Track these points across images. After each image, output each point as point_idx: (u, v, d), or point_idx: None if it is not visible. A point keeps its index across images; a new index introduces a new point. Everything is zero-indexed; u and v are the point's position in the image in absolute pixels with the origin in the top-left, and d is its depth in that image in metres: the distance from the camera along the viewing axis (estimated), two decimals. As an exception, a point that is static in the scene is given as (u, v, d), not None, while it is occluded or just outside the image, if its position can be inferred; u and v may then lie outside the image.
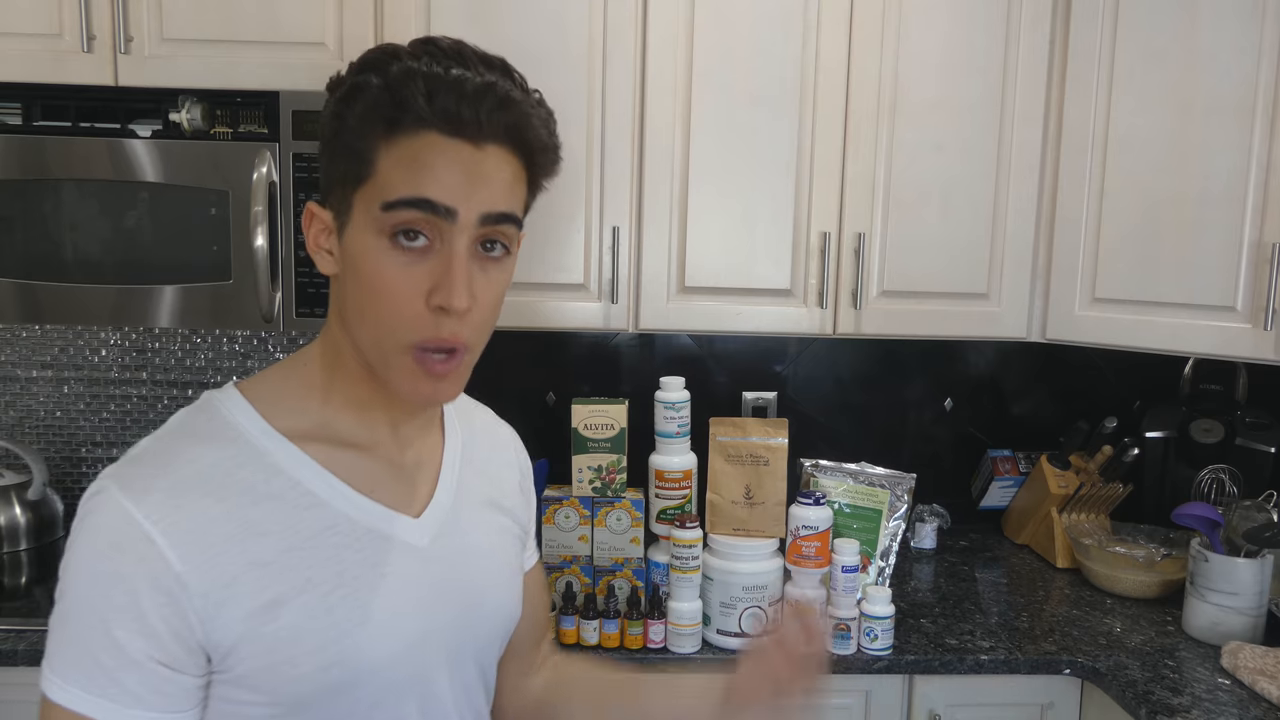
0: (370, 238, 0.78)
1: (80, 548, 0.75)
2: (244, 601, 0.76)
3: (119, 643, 0.73)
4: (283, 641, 0.77)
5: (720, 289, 1.88)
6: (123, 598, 0.73)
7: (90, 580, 0.74)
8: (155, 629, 0.74)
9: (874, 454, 2.15)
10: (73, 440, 2.20)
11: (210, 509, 0.76)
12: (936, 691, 1.68)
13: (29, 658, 1.57)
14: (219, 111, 1.78)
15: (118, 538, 0.74)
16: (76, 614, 0.75)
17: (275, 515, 0.79)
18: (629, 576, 1.73)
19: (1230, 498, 2.01)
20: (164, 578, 0.74)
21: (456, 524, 0.91)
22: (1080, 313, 1.88)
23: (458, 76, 0.76)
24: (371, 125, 0.77)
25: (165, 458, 0.78)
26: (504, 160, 0.79)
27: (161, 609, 0.74)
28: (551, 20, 1.79)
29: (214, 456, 0.79)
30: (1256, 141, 1.70)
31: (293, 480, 0.81)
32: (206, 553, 0.75)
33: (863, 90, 1.84)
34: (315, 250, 0.83)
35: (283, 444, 0.81)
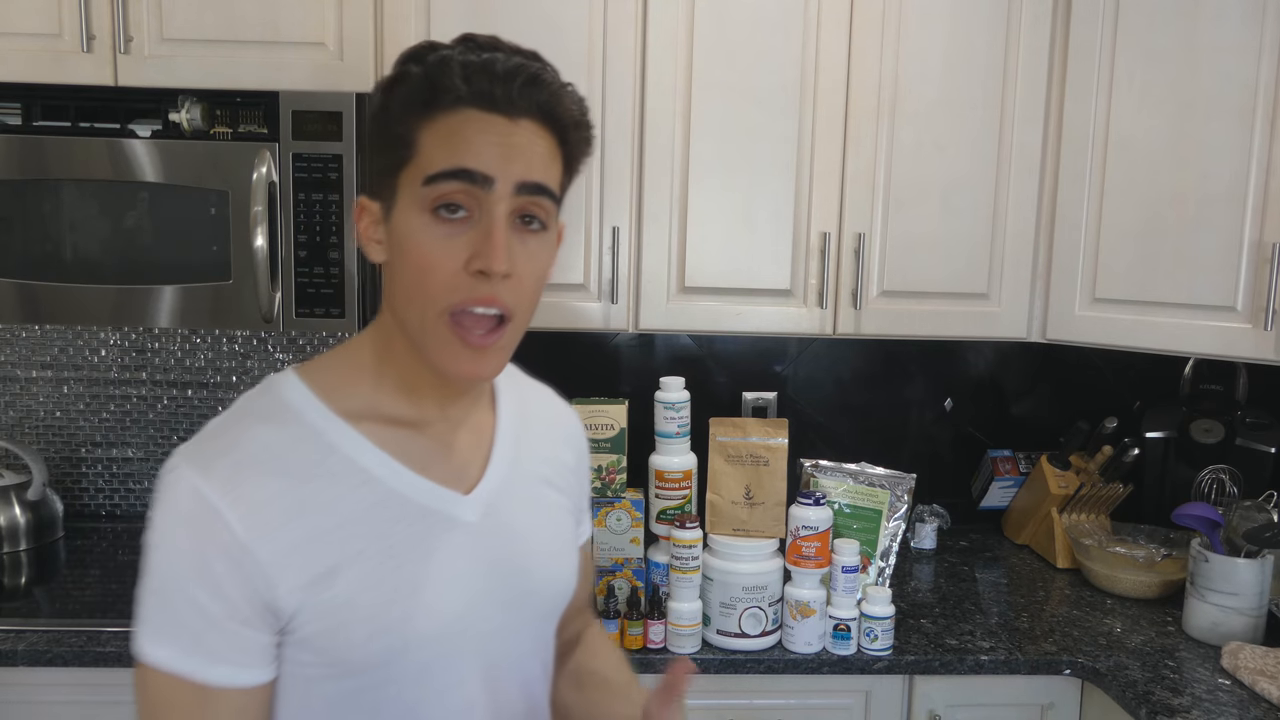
0: (414, 216, 0.82)
1: (159, 521, 0.81)
2: (301, 571, 0.81)
3: (200, 606, 0.79)
4: (337, 609, 0.81)
5: (720, 289, 1.88)
6: (199, 566, 0.79)
7: (170, 551, 0.80)
8: (228, 593, 0.79)
9: (874, 454, 2.14)
10: (73, 440, 2.20)
11: (271, 484, 0.81)
12: (936, 691, 1.68)
13: (29, 658, 1.57)
14: (219, 111, 1.78)
15: (189, 511, 0.80)
16: (161, 583, 0.80)
17: (330, 491, 0.83)
18: (629, 577, 1.73)
19: (1230, 498, 2.00)
20: (231, 547, 0.79)
21: (507, 500, 0.93)
22: (1080, 313, 1.88)
23: (490, 59, 0.82)
24: (412, 108, 0.82)
25: (230, 436, 0.84)
26: (538, 135, 0.84)
27: (232, 575, 0.79)
28: (551, 20, 1.79)
29: (274, 436, 0.84)
30: (1256, 141, 1.70)
31: (347, 458, 0.85)
32: (268, 524, 0.80)
33: (863, 90, 1.84)
34: (366, 241, 0.88)
35: (337, 423, 0.85)
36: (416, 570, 0.85)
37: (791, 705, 1.69)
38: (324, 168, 1.73)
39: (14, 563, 1.95)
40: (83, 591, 1.81)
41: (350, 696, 0.84)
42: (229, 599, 0.79)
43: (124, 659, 1.57)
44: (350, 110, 1.72)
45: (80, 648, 1.58)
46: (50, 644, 1.58)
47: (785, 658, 1.66)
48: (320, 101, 1.72)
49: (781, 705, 1.69)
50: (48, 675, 1.59)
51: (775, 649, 1.69)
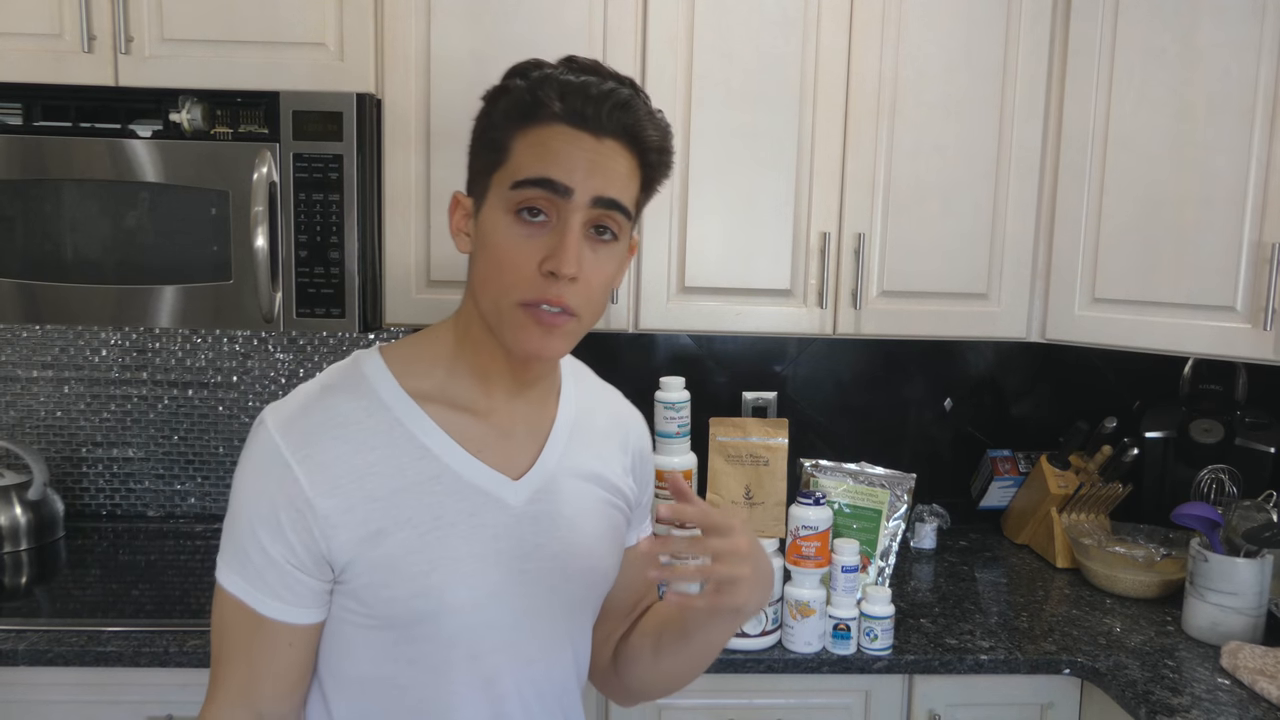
0: (500, 214, 0.91)
1: (243, 466, 0.93)
2: (356, 528, 0.90)
3: (263, 546, 0.90)
4: (381, 567, 0.91)
5: (720, 289, 1.88)
6: (267, 511, 0.90)
7: (246, 495, 0.92)
8: (289, 539, 0.90)
9: (874, 454, 2.15)
10: (73, 440, 2.20)
11: (338, 447, 0.91)
12: (936, 691, 1.69)
13: (29, 658, 1.57)
14: (219, 111, 1.78)
15: (266, 463, 0.91)
16: (236, 520, 0.92)
17: (390, 460, 0.92)
18: (629, 576, 1.73)
19: (1230, 498, 2.01)
20: (297, 499, 0.89)
21: (554, 491, 1.00)
22: (1080, 313, 1.88)
23: (586, 81, 0.90)
24: (511, 118, 0.91)
25: (310, 401, 0.94)
26: (620, 154, 0.91)
27: (294, 523, 0.90)
28: (551, 20, 1.79)
29: (349, 406, 0.93)
30: (1256, 141, 1.70)
31: (410, 433, 0.94)
32: (331, 483, 0.90)
33: (862, 90, 1.84)
34: (456, 233, 0.97)
35: (407, 402, 0.95)
36: (459, 543, 0.93)
37: (791, 705, 1.69)
38: (324, 168, 1.73)
39: (15, 562, 1.95)
40: (83, 591, 1.82)
41: (388, 647, 0.94)
42: (290, 545, 0.90)
43: (124, 659, 1.58)
44: (350, 110, 1.72)
45: (81, 647, 1.58)
46: (51, 644, 1.58)
47: (785, 657, 1.67)
48: (321, 101, 1.72)
49: (781, 705, 1.69)
50: (48, 675, 1.59)
51: (775, 649, 1.69)
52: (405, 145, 1.80)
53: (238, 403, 2.21)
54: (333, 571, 0.92)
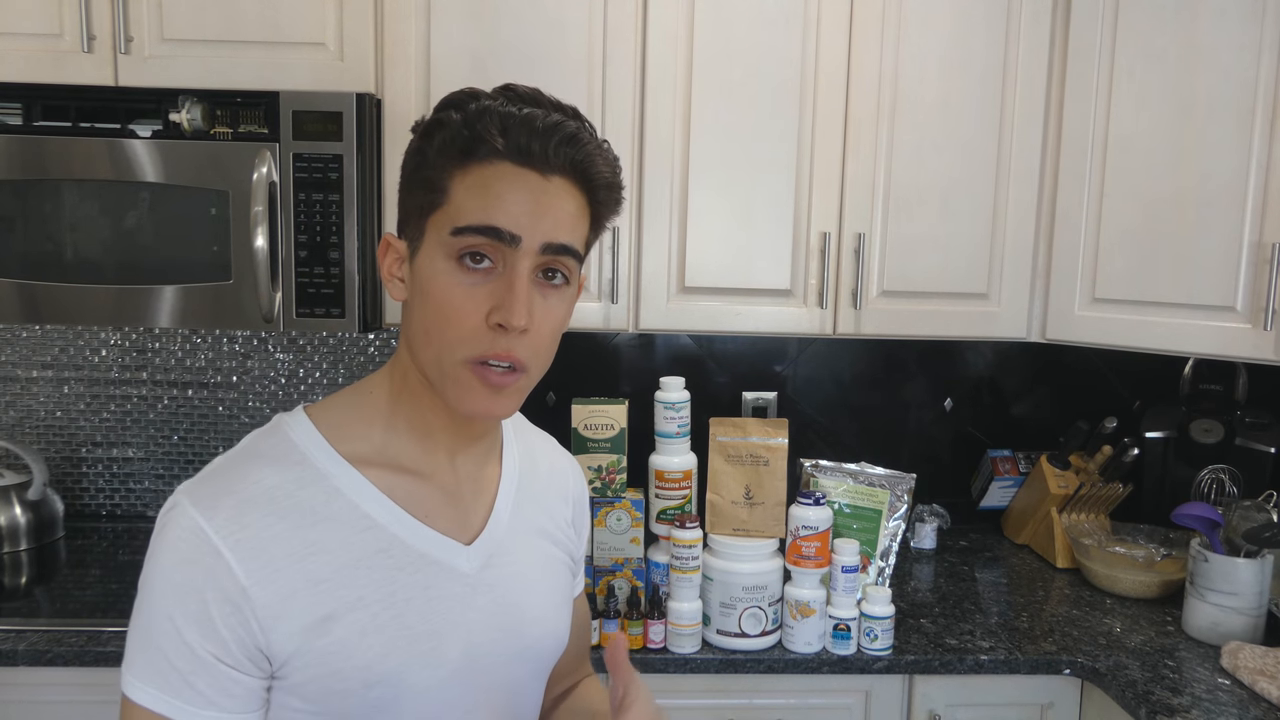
0: (439, 260, 0.82)
1: (157, 558, 0.80)
2: (300, 616, 0.80)
3: (190, 647, 0.78)
4: (332, 656, 0.81)
5: (720, 289, 1.88)
6: (194, 606, 0.78)
7: (165, 589, 0.79)
8: (222, 635, 0.78)
9: (874, 454, 2.15)
10: (73, 440, 2.20)
11: (273, 526, 0.80)
12: (936, 691, 1.69)
13: (29, 658, 1.57)
14: (219, 111, 1.78)
15: (189, 550, 0.79)
16: (152, 620, 0.79)
17: (333, 535, 0.82)
18: (629, 577, 1.73)
19: (1230, 498, 2.01)
20: (231, 589, 0.78)
21: (507, 553, 0.93)
22: (1080, 313, 1.88)
23: (530, 114, 0.82)
24: (448, 155, 0.83)
25: (234, 476, 0.82)
26: (568, 193, 0.84)
27: (228, 618, 0.78)
28: (551, 20, 1.79)
29: (279, 477, 0.83)
30: (1256, 141, 1.70)
31: (351, 503, 0.84)
32: (268, 567, 0.79)
33: (863, 90, 1.84)
34: (389, 279, 0.88)
35: (344, 468, 0.85)
36: (415, 620, 0.84)
37: (791, 705, 1.69)
38: (324, 168, 1.73)
39: (14, 562, 1.95)
40: (83, 591, 1.82)
41: None
42: (222, 642, 0.78)
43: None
44: (350, 110, 1.72)
45: (80, 647, 1.58)
46: (50, 644, 1.58)
47: (785, 657, 1.67)
48: (320, 101, 1.72)
49: (781, 705, 1.69)
50: (48, 675, 1.59)
51: (775, 649, 1.69)
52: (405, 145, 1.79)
53: (238, 403, 2.21)
54: (271, 666, 0.80)
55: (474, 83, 0.93)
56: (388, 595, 0.83)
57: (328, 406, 0.89)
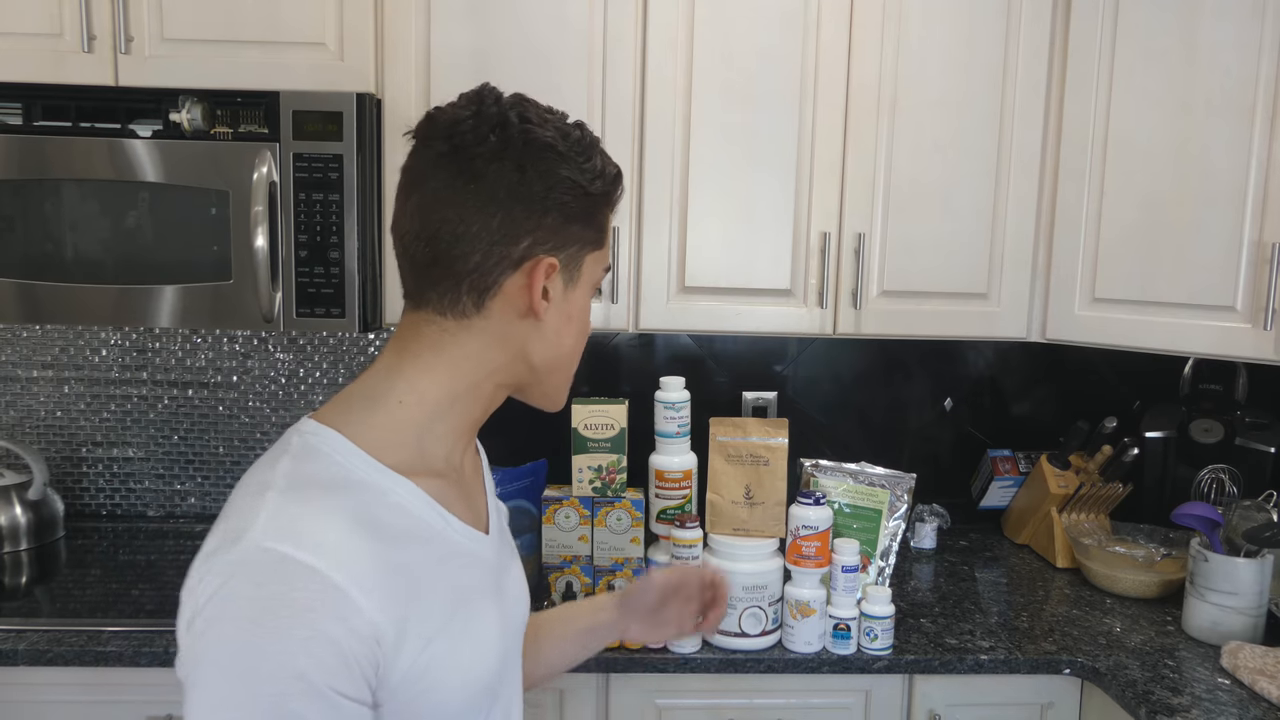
0: (588, 293, 0.93)
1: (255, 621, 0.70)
2: (416, 638, 0.78)
3: (325, 695, 0.71)
4: (431, 670, 0.80)
5: (720, 289, 1.88)
6: (326, 651, 0.71)
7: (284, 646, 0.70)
8: (354, 674, 0.73)
9: (874, 454, 2.15)
10: (73, 440, 2.20)
11: (374, 552, 0.77)
12: (936, 691, 1.69)
13: (29, 658, 1.57)
14: (219, 111, 1.78)
15: (309, 595, 0.71)
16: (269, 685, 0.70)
17: (411, 549, 0.81)
18: (629, 576, 1.73)
19: (1230, 498, 2.01)
20: (359, 625, 0.73)
21: (502, 533, 1.00)
22: (1080, 313, 1.88)
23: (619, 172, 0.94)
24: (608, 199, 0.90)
25: (309, 510, 0.76)
26: None
27: (358, 653, 0.73)
28: (551, 20, 1.79)
29: (350, 501, 0.79)
30: (1256, 140, 1.70)
31: (414, 515, 0.83)
32: (390, 596, 0.76)
33: (862, 90, 1.84)
34: (538, 299, 0.87)
35: (398, 480, 0.83)
36: (480, 621, 0.87)
37: (792, 705, 1.69)
38: (324, 168, 1.73)
39: (14, 562, 1.95)
40: (83, 591, 1.82)
41: None
42: (355, 678, 0.73)
43: (124, 658, 1.58)
44: (351, 110, 1.72)
45: (81, 647, 1.58)
46: (51, 644, 1.58)
47: (785, 657, 1.67)
48: (321, 101, 1.72)
49: (781, 705, 1.69)
50: (48, 675, 1.59)
51: (775, 648, 1.69)
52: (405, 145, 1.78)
53: (238, 403, 2.21)
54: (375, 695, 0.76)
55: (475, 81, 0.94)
56: (460, 600, 0.85)
57: (349, 418, 0.85)
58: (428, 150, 0.87)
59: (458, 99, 0.89)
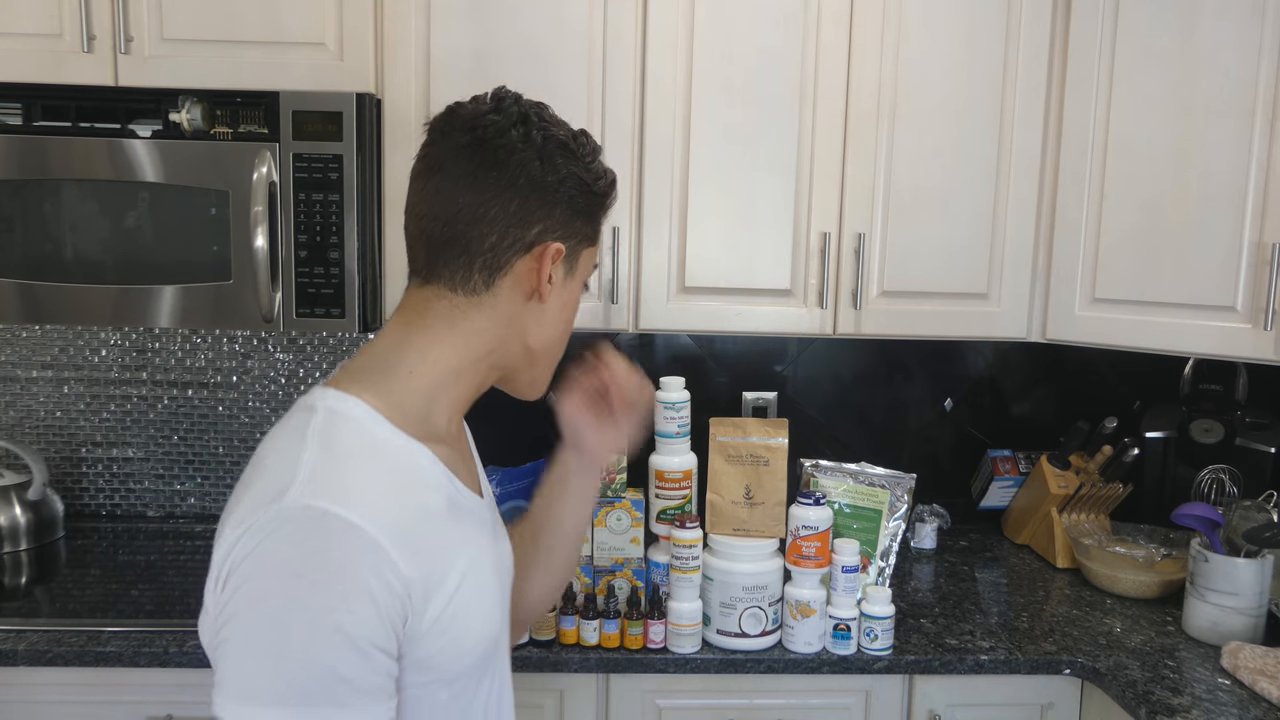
0: (580, 286, 1.00)
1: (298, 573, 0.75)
2: (441, 593, 0.84)
3: (361, 648, 0.76)
4: (453, 623, 0.85)
5: (720, 289, 1.88)
6: (363, 604, 0.76)
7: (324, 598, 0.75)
8: (387, 627, 0.78)
9: (874, 454, 2.15)
10: (73, 440, 2.20)
11: (405, 513, 0.83)
12: (936, 691, 1.69)
13: (29, 658, 1.57)
14: (219, 111, 1.78)
15: (348, 551, 0.76)
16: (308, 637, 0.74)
17: (432, 510, 0.87)
18: (629, 576, 1.73)
19: (1230, 498, 2.01)
20: (393, 579, 0.78)
21: (491, 500, 1.06)
22: (1080, 313, 1.88)
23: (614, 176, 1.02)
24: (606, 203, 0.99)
25: (344, 471, 0.82)
26: None
27: (391, 607, 0.78)
28: (552, 20, 1.79)
29: (380, 464, 0.85)
30: (1256, 141, 1.70)
31: (431, 478, 0.90)
32: (417, 552, 0.81)
33: (863, 91, 1.84)
34: (544, 284, 0.94)
35: (416, 445, 0.89)
36: (488, 579, 0.93)
37: (792, 705, 1.69)
38: (324, 168, 1.73)
39: (14, 563, 1.95)
40: (83, 591, 1.82)
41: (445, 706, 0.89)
42: (387, 631, 0.78)
43: (124, 658, 1.58)
44: (350, 110, 1.72)
45: (80, 647, 1.58)
46: (50, 644, 1.58)
47: (785, 657, 1.66)
48: (321, 101, 1.72)
49: (781, 705, 1.69)
50: (48, 675, 1.59)
51: (775, 649, 1.69)
52: (405, 145, 1.80)
53: (238, 403, 2.21)
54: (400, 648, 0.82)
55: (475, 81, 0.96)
56: (475, 557, 0.90)
57: (369, 387, 0.89)
58: (448, 141, 0.92)
59: (475, 98, 0.95)
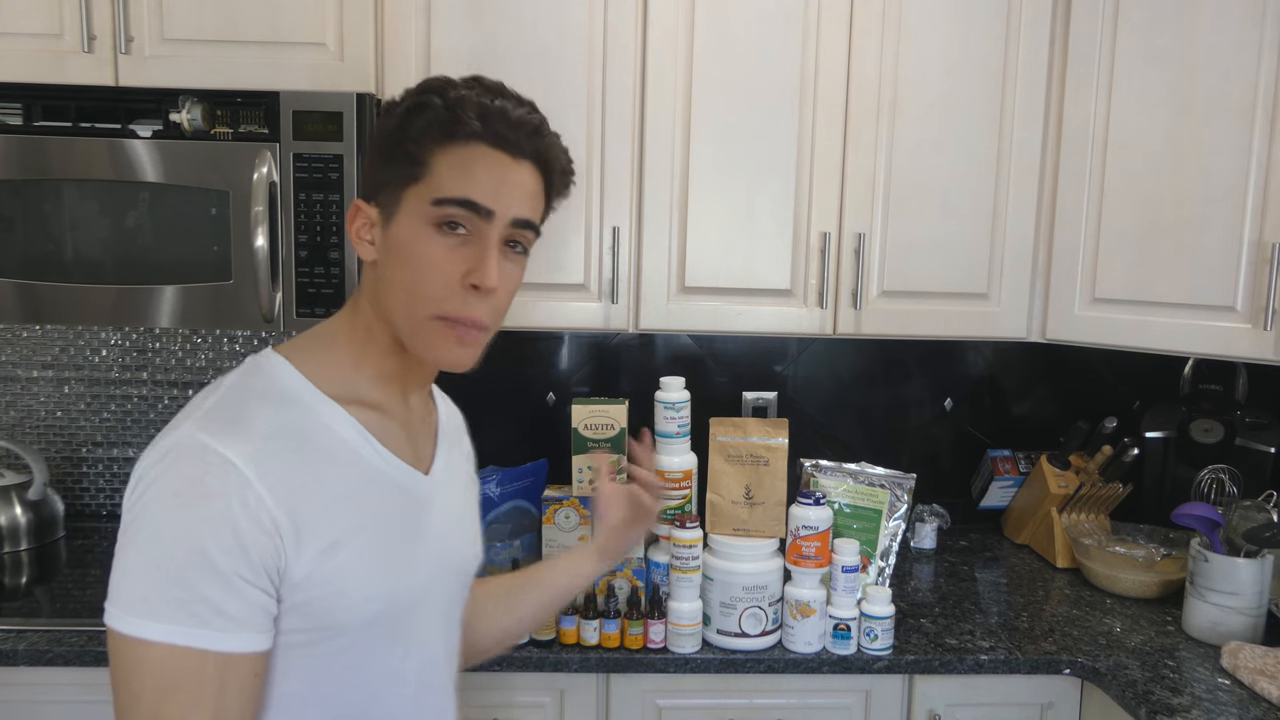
0: (418, 227, 0.93)
1: (177, 493, 0.83)
2: (315, 541, 0.87)
3: (225, 576, 0.82)
4: (337, 576, 0.89)
5: (720, 289, 1.88)
6: (228, 534, 0.82)
7: (192, 523, 0.82)
8: (254, 561, 0.84)
9: (874, 454, 2.15)
10: (73, 440, 2.20)
11: (290, 458, 0.88)
12: (936, 691, 1.69)
13: (29, 658, 1.57)
14: (219, 112, 1.78)
15: (219, 481, 0.83)
16: (174, 556, 0.82)
17: (332, 468, 0.91)
18: (629, 576, 1.73)
19: (1230, 498, 2.01)
20: (261, 514, 0.84)
21: (450, 480, 1.07)
22: (1080, 313, 1.88)
23: (503, 105, 0.94)
24: (430, 134, 0.93)
25: (245, 415, 0.89)
26: (531, 176, 0.96)
27: (259, 542, 0.84)
28: (552, 20, 1.79)
29: (283, 415, 0.90)
30: (1256, 141, 1.70)
31: (341, 438, 0.93)
32: (291, 496, 0.86)
33: (863, 90, 1.84)
34: (358, 240, 0.97)
35: (331, 406, 0.94)
36: (398, 543, 0.96)
37: (792, 705, 1.69)
38: (324, 168, 1.73)
39: (15, 562, 1.95)
40: (83, 591, 1.82)
41: (323, 659, 0.91)
42: (254, 567, 0.83)
43: (124, 658, 1.57)
44: (351, 110, 1.72)
45: (81, 647, 1.58)
46: (51, 644, 1.58)
47: (785, 657, 1.67)
48: (321, 101, 1.72)
49: (781, 705, 1.69)
50: (48, 675, 1.59)
51: (775, 649, 1.69)
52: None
53: (238, 403, 2.20)
54: (282, 588, 0.87)
55: None
56: (380, 521, 0.94)
57: (299, 350, 0.96)
58: None
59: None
